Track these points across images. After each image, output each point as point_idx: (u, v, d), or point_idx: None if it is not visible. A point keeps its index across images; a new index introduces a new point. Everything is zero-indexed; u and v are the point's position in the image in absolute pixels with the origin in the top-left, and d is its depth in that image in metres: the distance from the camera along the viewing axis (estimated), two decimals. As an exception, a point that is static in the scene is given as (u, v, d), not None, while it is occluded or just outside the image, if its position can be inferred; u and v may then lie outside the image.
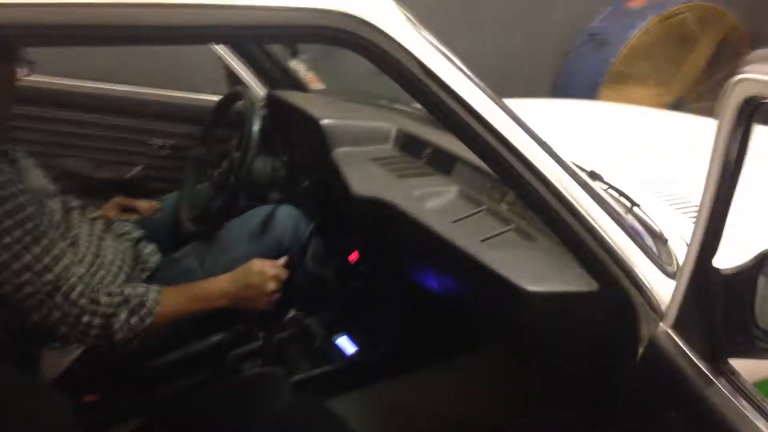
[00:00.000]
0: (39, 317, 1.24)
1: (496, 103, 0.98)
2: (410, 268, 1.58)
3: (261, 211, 1.78)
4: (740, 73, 0.63)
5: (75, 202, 1.58)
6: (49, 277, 1.22)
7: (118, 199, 1.94)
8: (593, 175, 1.43)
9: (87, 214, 1.59)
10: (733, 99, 0.64)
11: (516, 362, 1.59)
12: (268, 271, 1.47)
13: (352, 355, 1.80)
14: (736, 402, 0.81)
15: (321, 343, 1.76)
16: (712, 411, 0.81)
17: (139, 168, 2.34)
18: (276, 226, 1.74)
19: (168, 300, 1.37)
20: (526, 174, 1.01)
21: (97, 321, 1.27)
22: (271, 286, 1.47)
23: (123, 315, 1.30)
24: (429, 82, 0.92)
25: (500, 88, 1.01)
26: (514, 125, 1.00)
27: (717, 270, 0.83)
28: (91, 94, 2.28)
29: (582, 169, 1.43)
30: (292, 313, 1.75)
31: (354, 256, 1.81)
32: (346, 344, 1.83)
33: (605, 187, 1.37)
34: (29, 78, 2.07)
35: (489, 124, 0.96)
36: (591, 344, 1.16)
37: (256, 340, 1.72)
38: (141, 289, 1.36)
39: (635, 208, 1.27)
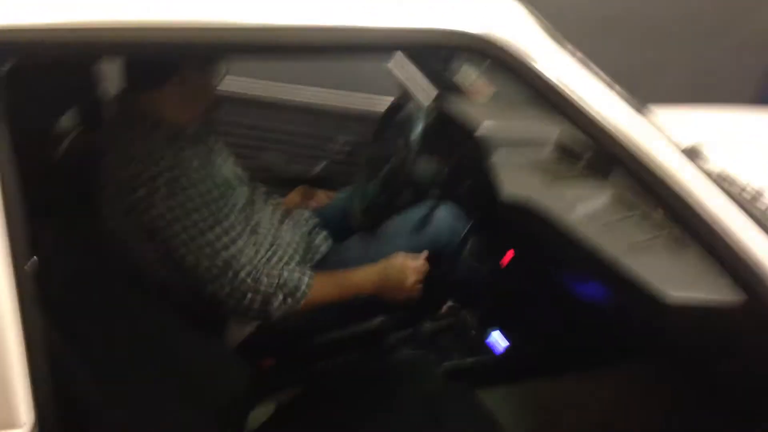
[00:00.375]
0: (212, 289, 1.45)
1: (642, 116, 1.00)
2: (561, 272, 1.60)
3: (422, 208, 1.89)
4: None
5: (261, 189, 1.80)
6: (224, 255, 1.42)
7: (301, 188, 2.16)
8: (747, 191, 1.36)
9: (270, 202, 1.80)
10: None
11: (664, 376, 1.55)
12: (408, 264, 1.58)
13: (503, 351, 1.85)
14: None
15: (474, 336, 1.83)
16: None
17: (323, 164, 2.55)
18: (435, 223, 1.84)
19: (319, 285, 1.52)
20: (669, 184, 1.01)
21: (258, 299, 1.45)
22: (411, 278, 1.57)
23: (280, 296, 1.47)
24: (565, 105, 0.97)
25: (701, 97, 1.02)
26: (659, 138, 1.00)
27: None
28: (285, 99, 2.53)
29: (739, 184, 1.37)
30: (448, 304, 1.85)
31: (508, 256, 1.86)
32: (498, 339, 1.89)
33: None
34: (235, 83, 2.39)
35: (631, 139, 0.98)
36: (737, 356, 1.12)
37: (413, 326, 1.84)
38: (297, 274, 1.52)
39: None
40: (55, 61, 1.11)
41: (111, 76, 1.61)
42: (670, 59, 3.58)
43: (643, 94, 1.08)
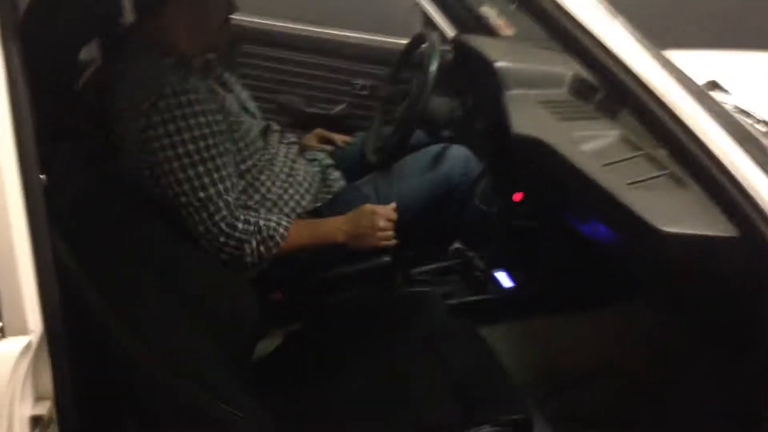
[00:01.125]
0: (187, 225, 1.48)
1: (641, 45, 1.00)
2: (567, 212, 1.61)
3: (434, 148, 1.90)
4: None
5: (276, 127, 1.83)
6: (202, 195, 1.45)
7: (319, 131, 2.18)
8: (767, 124, 1.35)
9: (284, 139, 1.83)
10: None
11: (664, 315, 1.56)
12: (377, 211, 1.59)
13: (508, 290, 1.89)
14: None
15: (480, 275, 1.87)
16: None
17: (342, 106, 2.56)
18: (447, 163, 1.86)
19: (294, 234, 1.55)
20: (662, 115, 1.01)
21: (231, 243, 1.48)
22: (380, 224, 1.58)
23: (253, 242, 1.50)
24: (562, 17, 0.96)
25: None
26: (654, 64, 1.00)
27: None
28: (305, 36, 2.53)
29: (754, 117, 1.37)
30: (456, 245, 1.88)
31: (518, 197, 1.88)
32: (503, 279, 1.92)
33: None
34: (252, 20, 2.40)
35: (623, 62, 0.98)
36: (731, 290, 1.13)
37: (420, 265, 1.88)
38: (272, 222, 1.54)
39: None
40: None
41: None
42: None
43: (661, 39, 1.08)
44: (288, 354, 1.58)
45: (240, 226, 1.48)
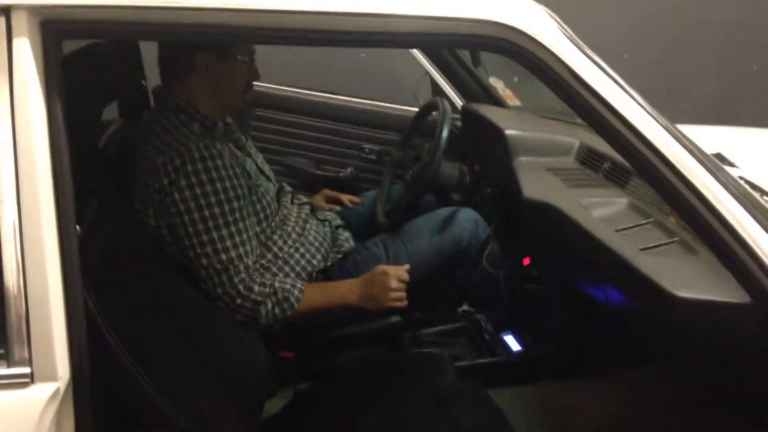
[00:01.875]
0: (205, 286, 1.50)
1: (647, 111, 1.05)
2: (576, 276, 1.64)
3: (444, 211, 1.94)
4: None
5: (288, 189, 1.87)
6: (224, 257, 1.48)
7: (326, 191, 2.23)
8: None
9: (296, 200, 1.87)
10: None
11: (676, 381, 1.57)
12: (390, 273, 1.60)
13: (516, 353, 1.89)
14: None
15: (488, 338, 1.88)
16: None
17: (350, 169, 2.62)
18: (456, 226, 1.90)
19: (308, 297, 1.57)
20: (674, 180, 1.05)
21: (247, 305, 1.51)
22: (393, 285, 1.59)
23: (269, 304, 1.52)
24: (577, 86, 1.02)
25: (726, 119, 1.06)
26: (663, 132, 1.05)
27: None
28: (317, 102, 2.61)
29: (761, 190, 1.41)
30: (464, 307, 1.90)
31: (526, 261, 1.91)
32: (512, 342, 1.93)
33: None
34: (270, 87, 2.48)
35: (634, 127, 1.03)
36: (742, 357, 1.15)
37: (429, 326, 1.89)
38: (288, 285, 1.56)
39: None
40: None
41: (152, 74, 1.72)
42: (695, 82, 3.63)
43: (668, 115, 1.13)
44: (297, 412, 1.57)
45: (256, 288, 1.51)
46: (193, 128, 1.53)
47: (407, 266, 1.63)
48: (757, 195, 1.28)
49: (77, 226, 0.98)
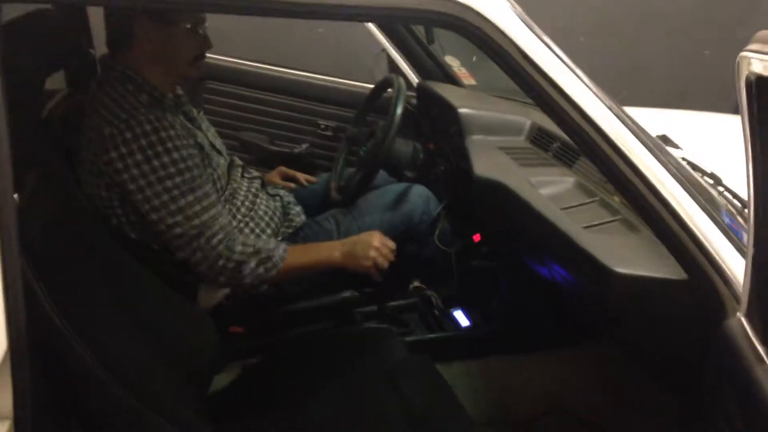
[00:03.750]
0: (184, 255, 1.49)
1: (593, 92, 1.07)
2: (524, 253, 1.67)
3: (396, 188, 1.95)
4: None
5: (239, 162, 1.85)
6: (196, 222, 1.47)
7: (282, 168, 2.21)
8: (712, 177, 1.44)
9: (246, 174, 1.85)
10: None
11: (616, 357, 1.62)
12: (373, 242, 1.61)
13: (465, 329, 1.92)
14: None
15: (438, 313, 1.90)
16: (755, 386, 0.85)
17: (305, 145, 2.60)
18: (408, 203, 1.90)
19: (291, 256, 1.57)
20: (617, 160, 1.08)
21: (230, 265, 1.50)
22: (375, 243, 1.60)
23: (252, 264, 1.51)
24: (526, 65, 1.03)
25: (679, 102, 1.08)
26: (609, 113, 1.07)
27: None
28: (273, 76, 2.57)
29: (702, 171, 1.45)
30: (415, 283, 1.91)
31: (477, 238, 1.94)
32: (461, 318, 1.96)
33: (722, 189, 1.39)
34: (224, 59, 2.43)
35: (580, 107, 1.05)
36: (678, 331, 1.19)
37: (380, 302, 1.91)
38: (272, 244, 1.56)
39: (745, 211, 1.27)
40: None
41: (100, 43, 1.67)
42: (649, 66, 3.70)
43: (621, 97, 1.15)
44: (245, 387, 1.57)
45: (238, 248, 1.50)
46: (141, 99, 1.49)
47: (393, 244, 1.65)
48: (697, 176, 1.32)
49: (15, 195, 0.95)
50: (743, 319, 0.97)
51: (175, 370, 1.27)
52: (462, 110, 1.86)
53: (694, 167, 1.44)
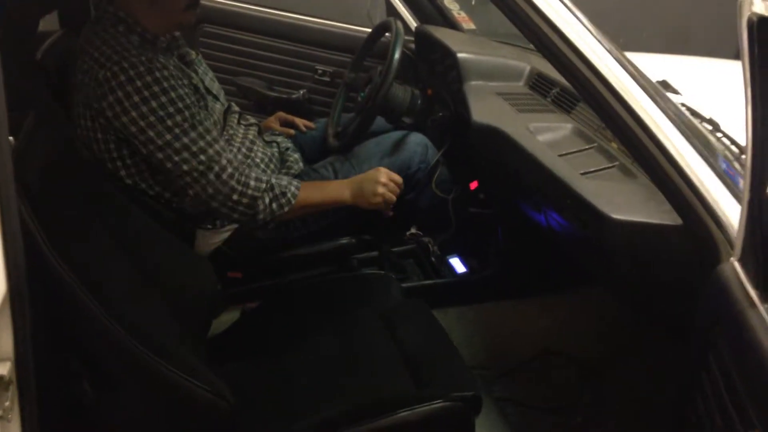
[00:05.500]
0: (194, 192, 1.50)
1: (594, 36, 1.05)
2: (521, 199, 1.68)
3: (394, 135, 1.94)
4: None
5: (236, 109, 1.83)
6: (203, 157, 1.47)
7: (281, 114, 2.19)
8: (711, 122, 1.43)
9: (243, 120, 1.84)
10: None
11: (610, 302, 1.65)
12: (382, 170, 1.65)
13: (461, 275, 1.95)
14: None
15: (435, 260, 1.92)
16: (746, 329, 0.86)
17: (303, 91, 2.57)
18: (406, 150, 1.90)
19: (304, 192, 1.59)
20: (616, 105, 1.07)
21: (244, 201, 1.51)
22: (382, 179, 1.63)
23: (267, 199, 1.53)
24: (526, 8, 1.01)
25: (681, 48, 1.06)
26: (609, 57, 1.06)
27: (771, 200, 0.86)
28: (270, 20, 2.52)
29: (701, 117, 1.45)
30: (412, 230, 1.93)
31: (474, 185, 1.94)
32: (457, 264, 1.98)
33: (720, 135, 1.38)
34: (221, 2, 2.39)
35: (580, 51, 1.04)
36: (672, 276, 1.20)
37: (377, 249, 1.92)
38: (284, 181, 1.58)
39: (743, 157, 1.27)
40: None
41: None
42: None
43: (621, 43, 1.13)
44: (244, 331, 1.60)
45: (252, 183, 1.52)
46: (132, 40, 1.47)
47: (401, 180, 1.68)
48: (696, 121, 1.31)
49: (11, 138, 0.95)
50: (736, 264, 0.98)
51: (174, 314, 1.29)
52: (461, 55, 1.84)
53: (693, 113, 1.43)
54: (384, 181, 1.63)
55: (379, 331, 1.48)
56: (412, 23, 2.38)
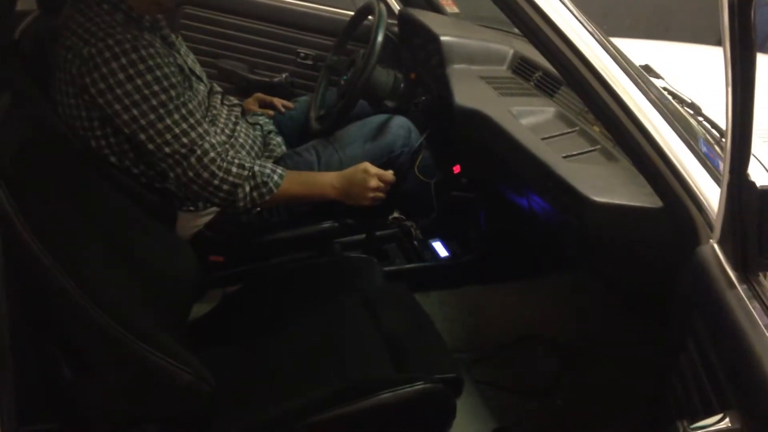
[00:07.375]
0: (175, 174, 1.48)
1: (577, 18, 1.05)
2: (503, 183, 1.68)
3: (377, 118, 1.93)
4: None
5: (218, 89, 1.81)
6: (185, 140, 1.45)
7: (259, 95, 2.17)
8: (692, 107, 1.44)
9: (226, 102, 1.82)
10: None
11: (591, 286, 1.66)
12: (371, 171, 1.63)
13: (443, 259, 1.95)
14: (749, 304, 0.85)
15: (417, 244, 1.92)
16: (725, 310, 0.87)
17: (285, 74, 2.54)
18: (389, 134, 1.89)
19: (287, 183, 1.57)
20: (598, 87, 1.07)
21: (225, 187, 1.50)
22: (371, 185, 1.62)
23: (247, 188, 1.52)
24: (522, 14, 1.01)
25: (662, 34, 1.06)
26: (592, 40, 1.06)
27: (752, 183, 0.86)
28: (252, 3, 2.49)
29: (682, 100, 1.45)
30: (395, 214, 1.92)
31: (457, 169, 1.94)
32: (439, 248, 1.98)
33: (701, 119, 1.39)
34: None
35: (564, 34, 1.03)
36: (653, 258, 1.21)
37: (360, 233, 1.92)
38: (268, 169, 1.56)
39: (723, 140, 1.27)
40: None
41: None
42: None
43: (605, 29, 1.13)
44: (225, 314, 1.59)
45: (234, 170, 1.50)
46: (117, 18, 1.45)
47: (391, 172, 1.66)
48: (678, 105, 1.32)
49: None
50: (716, 246, 0.99)
51: (155, 297, 1.28)
52: (444, 38, 1.83)
53: (675, 96, 1.44)
54: (373, 185, 1.62)
55: (360, 314, 1.47)
56: (396, 6, 2.36)
